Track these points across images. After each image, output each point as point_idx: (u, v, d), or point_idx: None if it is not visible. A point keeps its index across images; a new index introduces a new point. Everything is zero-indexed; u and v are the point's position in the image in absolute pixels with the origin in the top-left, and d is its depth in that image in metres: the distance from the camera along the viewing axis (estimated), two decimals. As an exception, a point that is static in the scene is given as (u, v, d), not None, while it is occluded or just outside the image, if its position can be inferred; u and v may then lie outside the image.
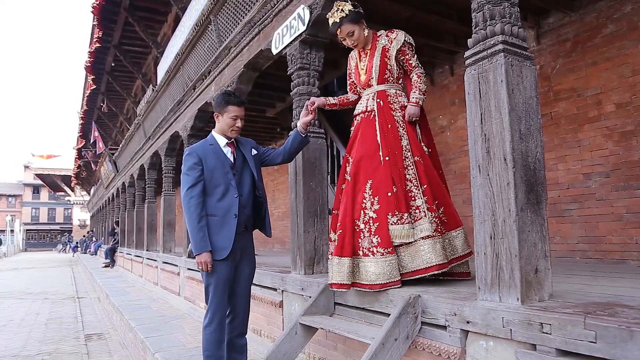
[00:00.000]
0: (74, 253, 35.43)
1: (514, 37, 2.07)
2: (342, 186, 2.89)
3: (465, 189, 5.84)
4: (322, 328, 2.73)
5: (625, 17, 4.36)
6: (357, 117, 2.97)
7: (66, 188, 42.93)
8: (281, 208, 10.69)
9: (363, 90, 3.00)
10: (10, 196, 58.65)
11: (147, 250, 10.04)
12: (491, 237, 2.02)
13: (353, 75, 3.09)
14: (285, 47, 3.96)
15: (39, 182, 49.27)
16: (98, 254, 22.54)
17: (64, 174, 39.29)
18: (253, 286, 3.60)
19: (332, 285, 2.71)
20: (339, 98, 3.17)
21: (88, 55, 12.87)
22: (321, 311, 2.96)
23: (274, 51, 4.16)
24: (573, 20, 4.76)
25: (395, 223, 2.61)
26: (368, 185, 2.69)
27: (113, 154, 16.22)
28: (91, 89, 14.92)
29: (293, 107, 3.85)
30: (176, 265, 7.19)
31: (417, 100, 2.83)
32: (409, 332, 2.27)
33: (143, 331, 5.03)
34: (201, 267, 2.68)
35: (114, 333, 7.19)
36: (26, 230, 54.60)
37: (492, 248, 2.01)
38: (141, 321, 5.67)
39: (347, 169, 2.89)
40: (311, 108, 3.00)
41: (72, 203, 49.52)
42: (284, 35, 3.97)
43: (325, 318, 2.89)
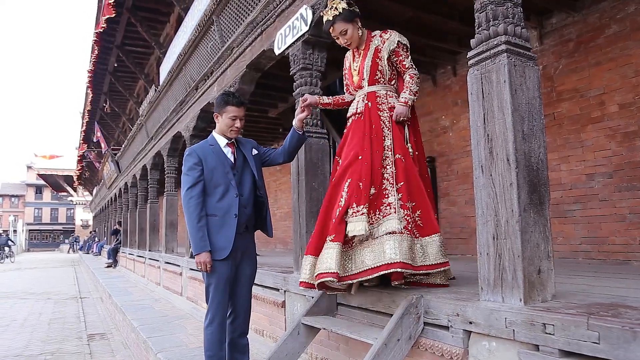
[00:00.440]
0: (81, 252, 35.57)
1: (517, 38, 2.07)
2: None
3: (467, 190, 5.83)
4: (325, 328, 2.73)
5: (628, 18, 4.35)
6: (349, 120, 2.93)
7: (69, 188, 43.00)
8: (283, 208, 10.70)
9: (356, 91, 2.96)
10: (13, 196, 58.82)
11: (150, 250, 10.05)
12: (494, 238, 2.02)
13: (347, 76, 3.06)
14: (287, 48, 3.96)
15: (42, 183, 49.37)
16: (101, 254, 22.57)
17: (67, 174, 39.40)
18: (255, 286, 3.60)
19: (300, 283, 2.69)
20: (334, 98, 3.14)
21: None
22: (323, 311, 2.96)
23: (277, 51, 4.17)
24: (576, 20, 4.75)
25: (351, 215, 2.54)
26: (347, 182, 2.65)
27: (115, 155, 16.25)
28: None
29: (295, 108, 3.86)
30: (178, 265, 7.20)
31: (406, 100, 2.77)
32: (412, 333, 2.27)
33: (145, 331, 5.04)
34: (200, 267, 2.68)
35: (117, 333, 7.20)
36: (29, 230, 54.72)
37: (495, 248, 2.01)
38: (144, 321, 5.68)
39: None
40: (302, 105, 2.99)
41: (75, 203, 49.64)
42: (287, 35, 3.97)
43: (327, 318, 2.90)
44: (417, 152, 2.87)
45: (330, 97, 3.13)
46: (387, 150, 2.71)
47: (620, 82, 4.38)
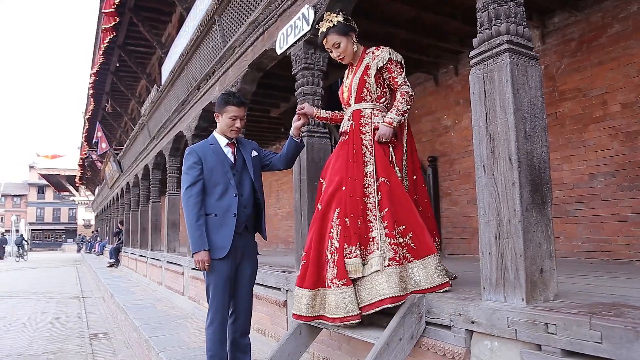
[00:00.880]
0: (83, 252, 35.69)
1: (519, 37, 2.07)
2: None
3: (469, 189, 5.83)
4: (326, 328, 2.73)
5: (631, 17, 4.35)
6: (340, 138, 2.84)
7: (71, 188, 43.09)
8: (285, 208, 10.70)
9: (346, 109, 2.87)
10: (15, 196, 58.97)
11: (152, 250, 10.07)
12: (496, 237, 2.01)
13: (340, 92, 2.96)
14: (289, 47, 3.96)
15: (44, 182, 49.49)
16: (103, 254, 22.61)
17: (69, 174, 39.49)
18: (257, 286, 3.61)
19: (293, 315, 2.63)
20: (332, 113, 3.04)
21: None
22: (325, 311, 2.96)
23: (279, 51, 4.17)
24: (578, 19, 4.75)
25: (346, 256, 2.48)
26: (336, 213, 2.56)
27: (117, 154, 16.27)
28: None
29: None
30: (180, 265, 7.21)
31: (391, 120, 2.61)
32: (414, 332, 2.27)
33: (147, 331, 5.04)
34: (199, 266, 2.69)
35: (119, 332, 7.21)
36: (31, 230, 54.84)
37: (497, 248, 2.01)
38: (145, 321, 5.68)
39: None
40: (299, 113, 2.95)
41: (77, 203, 49.72)
42: (289, 35, 3.97)
43: (329, 318, 2.89)
44: (416, 177, 2.77)
45: (328, 112, 3.06)
46: (369, 177, 2.59)
47: (622, 82, 4.38)
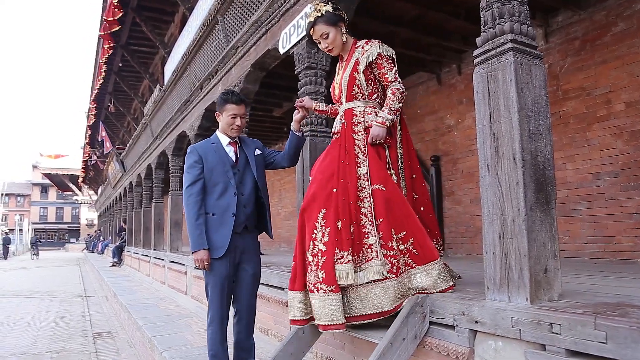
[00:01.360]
0: (86, 251, 35.83)
1: (523, 36, 2.06)
2: None
3: (472, 189, 5.82)
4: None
5: (635, 15, 4.33)
6: (333, 137, 2.75)
7: (74, 187, 43.22)
8: (288, 207, 10.71)
9: (339, 106, 2.75)
10: (19, 196, 59.18)
11: (155, 249, 10.09)
12: (500, 237, 2.01)
13: (331, 88, 2.85)
14: (292, 47, 3.96)
15: (47, 182, 49.64)
16: (105, 253, 22.67)
17: (72, 174, 39.61)
18: (260, 285, 3.60)
19: (290, 321, 2.56)
20: (331, 107, 2.94)
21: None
22: (328, 310, 2.95)
23: (281, 51, 4.17)
24: (582, 18, 4.73)
25: (337, 261, 2.34)
26: (321, 214, 2.43)
27: (120, 154, 16.31)
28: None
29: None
30: (183, 264, 7.22)
31: (384, 120, 2.48)
32: (417, 332, 2.26)
33: (151, 330, 5.05)
34: (198, 265, 2.70)
35: (122, 332, 7.23)
36: (34, 229, 55.02)
37: (501, 248, 2.00)
38: (149, 320, 5.69)
39: None
40: (297, 105, 2.90)
41: (80, 202, 49.91)
42: (291, 34, 3.97)
43: (332, 317, 2.88)
44: (415, 175, 2.65)
45: (328, 105, 2.99)
46: (363, 179, 2.47)
47: (627, 80, 4.36)
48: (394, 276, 2.32)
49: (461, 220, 6.06)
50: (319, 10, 2.62)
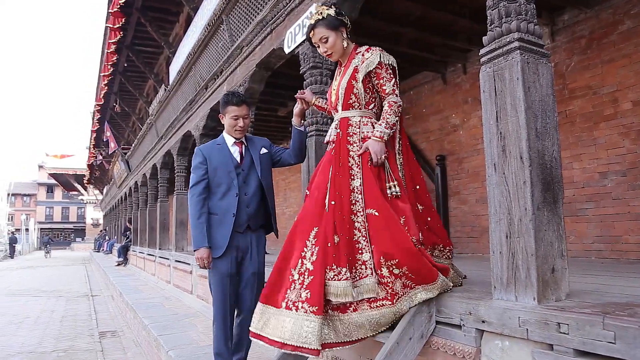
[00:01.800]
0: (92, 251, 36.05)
1: (530, 35, 2.05)
2: None
3: (478, 188, 5.80)
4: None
5: (642, 13, 4.30)
6: (328, 148, 2.67)
7: (79, 187, 43.45)
8: (293, 207, 10.71)
9: (334, 113, 2.65)
10: (25, 195, 59.56)
11: (160, 248, 10.12)
12: (507, 236, 2.00)
13: (327, 94, 2.76)
14: (297, 46, 3.96)
15: (53, 182, 49.97)
16: (111, 253, 22.76)
17: (77, 174, 39.83)
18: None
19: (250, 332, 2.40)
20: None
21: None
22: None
23: (287, 50, 4.17)
24: (588, 16, 4.70)
25: (332, 278, 2.22)
26: (313, 232, 2.33)
27: (125, 154, 16.38)
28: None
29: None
30: (189, 263, 7.24)
31: (382, 134, 2.39)
32: (424, 331, 2.26)
33: (156, 329, 5.07)
34: (199, 263, 2.77)
35: (128, 331, 7.25)
36: (40, 229, 55.34)
37: (508, 247, 1.99)
38: (154, 319, 5.71)
39: None
40: (298, 97, 2.86)
41: (85, 202, 50.12)
42: (296, 34, 3.97)
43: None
44: (418, 186, 2.55)
45: (326, 103, 2.87)
46: (356, 192, 2.38)
47: (634, 79, 4.33)
48: (390, 303, 2.22)
49: (467, 219, 6.04)
50: (321, 13, 2.55)
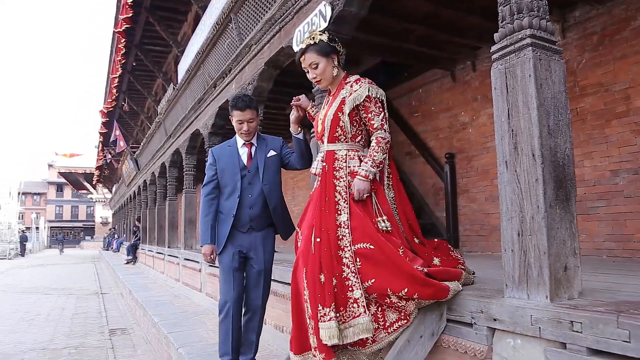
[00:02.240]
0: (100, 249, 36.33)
1: (542, 31, 2.04)
2: None
3: (487, 186, 5.77)
4: None
5: (655, 9, 4.25)
6: (315, 182, 2.59)
7: (88, 186, 43.82)
8: (301, 205, 10.72)
9: (320, 144, 2.56)
10: (35, 194, 60.13)
11: (169, 247, 10.17)
12: (519, 234, 1.99)
13: (314, 122, 2.67)
14: (306, 45, 3.95)
15: (63, 181, 50.42)
16: (120, 251, 22.94)
17: (86, 172, 40.15)
18: (275, 282, 3.61)
19: None
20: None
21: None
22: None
23: (295, 48, 4.16)
24: (600, 13, 4.66)
25: (320, 320, 2.15)
26: (304, 273, 2.29)
27: (134, 153, 16.47)
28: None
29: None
30: (197, 262, 7.27)
31: (367, 174, 2.32)
32: (434, 330, 2.26)
33: (166, 326, 5.10)
34: (205, 259, 2.96)
35: (137, 328, 7.31)
36: (50, 227, 55.85)
37: (520, 245, 1.98)
38: (164, 317, 5.75)
39: None
40: (294, 104, 2.75)
41: (95, 201, 50.51)
42: (305, 32, 3.97)
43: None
44: (410, 222, 2.47)
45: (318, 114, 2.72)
46: (343, 227, 2.29)
47: (646, 76, 4.28)
48: (406, 321, 2.21)
49: (476, 217, 6.01)
50: (313, 38, 2.47)
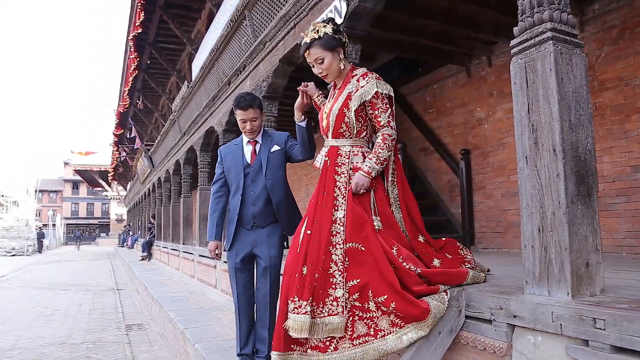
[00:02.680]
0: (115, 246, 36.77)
1: (563, 24, 2.00)
2: None
3: (503, 183, 5.71)
4: None
5: (677, 1, 4.16)
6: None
7: (103, 183, 44.39)
8: (314, 202, 10.71)
9: (325, 138, 2.54)
10: (51, 192, 61.08)
11: (183, 243, 10.25)
12: (539, 230, 1.97)
13: (319, 115, 2.63)
14: (321, 41, 3.94)
15: (78, 178, 51.16)
16: (135, 247, 23.21)
17: (101, 170, 40.66)
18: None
19: None
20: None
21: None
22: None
23: (308, 44, 4.16)
24: (620, 5, 4.57)
25: (292, 311, 2.12)
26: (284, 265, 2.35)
27: (149, 150, 16.62)
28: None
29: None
30: (212, 258, 7.31)
31: (370, 170, 2.31)
32: (453, 326, 2.24)
33: (182, 322, 5.14)
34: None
35: (153, 324, 7.39)
36: (66, 224, 56.67)
37: (540, 241, 1.96)
38: (180, 313, 5.80)
39: None
40: (300, 88, 2.64)
41: (110, 198, 51.10)
42: (320, 28, 3.95)
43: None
44: (415, 218, 2.43)
45: (324, 104, 2.69)
46: (339, 224, 2.26)
47: (668, 70, 4.20)
48: (373, 338, 2.12)
49: (492, 214, 5.96)
50: (317, 31, 2.40)
